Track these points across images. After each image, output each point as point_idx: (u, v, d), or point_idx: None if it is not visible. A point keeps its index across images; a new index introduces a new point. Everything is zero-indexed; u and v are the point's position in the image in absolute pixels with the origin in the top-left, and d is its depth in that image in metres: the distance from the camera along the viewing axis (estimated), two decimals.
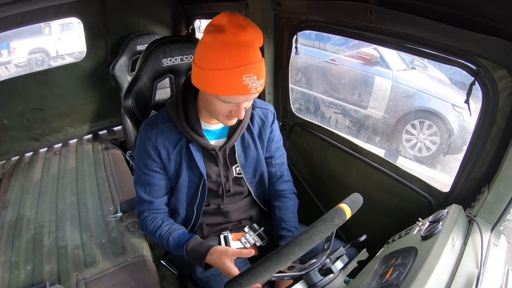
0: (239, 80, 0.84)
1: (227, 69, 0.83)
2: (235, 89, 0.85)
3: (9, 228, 1.63)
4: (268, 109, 1.17)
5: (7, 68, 6.70)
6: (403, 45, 1.05)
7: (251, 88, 0.86)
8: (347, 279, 0.84)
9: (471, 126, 1.29)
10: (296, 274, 0.78)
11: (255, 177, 1.17)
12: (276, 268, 0.66)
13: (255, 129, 1.13)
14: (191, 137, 1.01)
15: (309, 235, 0.68)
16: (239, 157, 1.11)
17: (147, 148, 1.03)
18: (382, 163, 1.28)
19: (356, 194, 0.82)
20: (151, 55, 1.21)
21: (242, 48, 0.84)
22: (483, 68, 0.86)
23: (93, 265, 1.37)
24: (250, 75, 0.84)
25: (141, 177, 1.08)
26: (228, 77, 0.84)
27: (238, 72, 0.83)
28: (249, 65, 0.84)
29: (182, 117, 1.01)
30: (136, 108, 1.24)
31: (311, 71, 4.68)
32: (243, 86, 0.85)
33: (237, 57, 0.83)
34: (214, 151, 1.05)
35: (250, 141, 1.13)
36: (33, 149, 2.46)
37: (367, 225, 1.16)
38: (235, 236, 1.17)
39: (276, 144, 1.21)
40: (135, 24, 2.49)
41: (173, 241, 1.04)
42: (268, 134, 1.17)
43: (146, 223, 1.10)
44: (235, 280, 0.67)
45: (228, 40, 0.83)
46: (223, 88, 0.85)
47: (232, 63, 0.83)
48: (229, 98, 0.88)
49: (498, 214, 0.86)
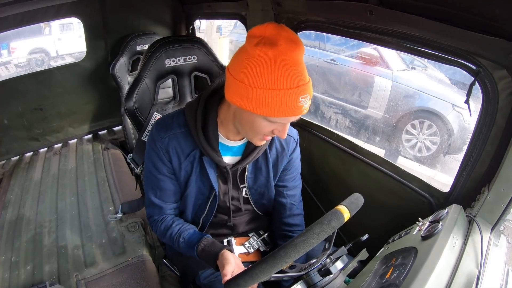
0: (296, 102, 0.78)
1: (284, 90, 0.76)
2: (290, 111, 0.79)
3: (9, 228, 1.63)
4: (292, 136, 1.09)
5: (7, 68, 6.71)
6: (403, 45, 1.05)
7: (304, 110, 0.81)
8: (347, 279, 0.84)
9: (471, 126, 1.29)
10: (296, 274, 0.78)
11: (262, 200, 1.13)
12: (272, 270, 0.66)
13: (272, 154, 1.07)
14: (204, 150, 0.96)
15: (305, 238, 0.68)
16: (247, 178, 1.07)
17: (158, 149, 0.98)
18: (382, 163, 1.28)
19: (356, 194, 0.82)
20: (153, 55, 1.20)
21: (297, 67, 0.78)
22: (483, 68, 0.86)
23: (93, 265, 1.37)
24: (306, 96, 0.79)
25: (151, 179, 1.03)
26: (285, 98, 0.77)
27: (296, 93, 0.77)
28: (305, 85, 0.79)
29: (200, 127, 0.95)
30: (138, 109, 1.23)
31: (311, 71, 4.63)
32: (298, 108, 0.79)
33: (294, 76, 0.77)
34: (226, 169, 1.00)
35: (263, 166, 1.06)
36: (33, 149, 2.46)
37: (367, 225, 1.16)
38: (239, 240, 1.15)
39: (292, 174, 1.14)
40: (135, 24, 2.49)
41: (183, 242, 1.00)
42: (285, 163, 1.10)
43: (156, 225, 1.07)
44: (232, 280, 0.68)
45: (281, 57, 0.75)
46: (278, 110, 0.79)
47: (289, 84, 0.77)
48: (279, 119, 0.82)
49: (498, 214, 0.86)
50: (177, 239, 1.01)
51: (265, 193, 1.10)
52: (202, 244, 0.97)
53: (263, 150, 1.03)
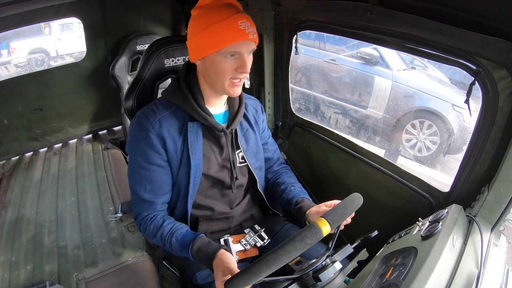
0: (236, 27, 0.87)
1: (221, 21, 0.86)
2: (234, 36, 0.87)
3: (9, 228, 1.63)
4: (256, 100, 1.24)
5: (7, 68, 6.71)
6: (403, 45, 1.05)
7: (249, 34, 0.88)
8: (347, 279, 0.84)
9: (471, 126, 1.29)
10: (291, 277, 0.78)
11: (257, 162, 1.17)
12: (247, 283, 0.67)
13: (250, 116, 1.17)
14: (201, 117, 0.99)
15: (276, 255, 0.68)
16: (241, 141, 1.11)
17: (150, 137, 0.97)
18: (382, 163, 1.28)
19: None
20: (153, 55, 1.20)
21: (228, 5, 0.89)
22: (483, 68, 0.86)
23: (93, 265, 1.37)
24: (244, 21, 0.88)
25: (139, 173, 1.00)
26: (224, 27, 0.87)
27: (233, 20, 0.87)
28: (241, 13, 0.89)
29: (191, 98, 0.99)
30: (138, 109, 1.23)
31: (311, 71, 4.67)
32: (241, 31, 0.87)
33: (227, 9, 0.88)
34: (223, 131, 1.03)
35: (248, 127, 1.16)
36: (33, 149, 2.46)
37: (367, 225, 1.16)
38: (235, 238, 1.15)
39: (267, 131, 1.28)
40: (135, 24, 2.49)
41: (176, 242, 0.97)
42: (261, 123, 1.23)
43: (145, 224, 1.03)
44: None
45: (214, 4, 0.88)
46: (222, 39, 0.87)
47: (224, 15, 0.87)
48: (231, 48, 0.89)
49: (498, 214, 0.87)
50: (169, 239, 0.98)
51: (258, 151, 1.18)
52: (197, 244, 0.94)
53: (243, 110, 1.10)
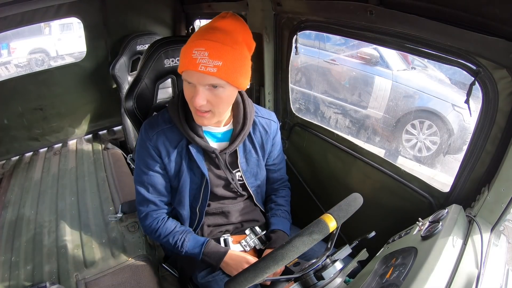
0: (188, 54, 0.83)
1: (187, 43, 0.85)
2: (184, 63, 0.85)
3: (9, 228, 1.63)
4: (271, 120, 1.17)
5: (7, 68, 6.71)
6: (403, 45, 1.05)
7: (199, 64, 0.80)
8: (347, 279, 0.83)
9: (471, 126, 1.29)
10: (292, 276, 0.78)
11: (257, 181, 1.17)
12: (253, 281, 0.67)
13: (257, 137, 1.13)
14: (190, 138, 1.01)
15: (284, 250, 0.68)
16: (240, 163, 1.11)
17: (148, 147, 1.03)
18: (382, 163, 1.28)
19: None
20: (152, 55, 1.20)
21: (210, 29, 0.84)
22: (483, 68, 0.86)
23: (93, 265, 1.37)
24: (201, 50, 0.81)
25: (142, 177, 1.07)
26: (183, 51, 0.85)
27: (190, 46, 0.84)
28: (203, 40, 0.81)
29: (183, 117, 1.01)
30: (138, 109, 1.23)
31: (311, 71, 4.67)
32: (190, 60, 0.82)
33: (198, 34, 0.84)
34: (214, 153, 1.04)
35: (251, 148, 1.13)
36: (33, 149, 2.47)
37: (367, 225, 1.16)
38: (235, 238, 1.16)
39: (277, 152, 1.23)
40: (135, 24, 2.49)
41: (189, 242, 1.06)
42: (270, 146, 1.17)
43: (157, 225, 1.09)
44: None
45: (209, 24, 0.86)
46: (180, 64, 0.86)
47: (192, 38, 0.85)
48: (184, 76, 0.88)
49: (498, 214, 0.86)
50: (182, 238, 1.07)
51: (258, 172, 1.16)
52: (211, 243, 1.07)
53: (247, 133, 1.08)
